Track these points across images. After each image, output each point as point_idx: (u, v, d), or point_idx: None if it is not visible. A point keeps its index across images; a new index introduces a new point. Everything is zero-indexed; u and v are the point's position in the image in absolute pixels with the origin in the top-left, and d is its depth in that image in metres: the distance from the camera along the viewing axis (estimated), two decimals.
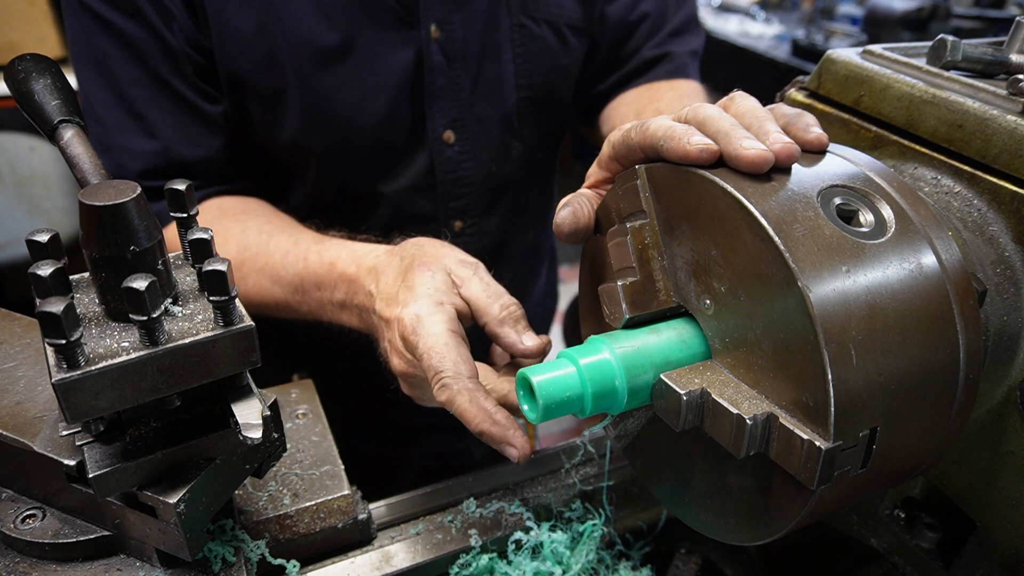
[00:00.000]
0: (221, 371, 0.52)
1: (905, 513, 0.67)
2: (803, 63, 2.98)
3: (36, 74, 0.61)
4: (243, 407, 0.53)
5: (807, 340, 0.43)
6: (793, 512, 0.48)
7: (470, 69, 1.07)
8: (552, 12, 1.10)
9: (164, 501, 0.53)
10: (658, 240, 0.54)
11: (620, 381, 0.51)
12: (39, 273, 0.47)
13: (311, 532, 0.70)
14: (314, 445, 0.76)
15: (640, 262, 0.55)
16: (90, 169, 0.55)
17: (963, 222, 0.60)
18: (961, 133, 0.60)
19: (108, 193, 0.48)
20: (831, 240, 0.46)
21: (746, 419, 0.45)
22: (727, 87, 0.62)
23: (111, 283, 0.49)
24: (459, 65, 1.06)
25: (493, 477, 0.81)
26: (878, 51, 0.70)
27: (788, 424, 0.45)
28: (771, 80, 2.75)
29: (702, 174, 0.49)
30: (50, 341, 0.45)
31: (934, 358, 0.47)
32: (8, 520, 0.58)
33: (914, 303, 0.47)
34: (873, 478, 0.48)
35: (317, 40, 0.97)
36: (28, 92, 0.60)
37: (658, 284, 0.55)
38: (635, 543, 0.80)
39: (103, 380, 0.47)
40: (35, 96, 0.60)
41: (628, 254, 0.55)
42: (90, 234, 0.48)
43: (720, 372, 0.51)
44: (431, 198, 1.11)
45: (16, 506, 0.59)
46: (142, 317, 0.47)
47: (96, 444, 0.53)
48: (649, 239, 0.55)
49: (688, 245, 0.52)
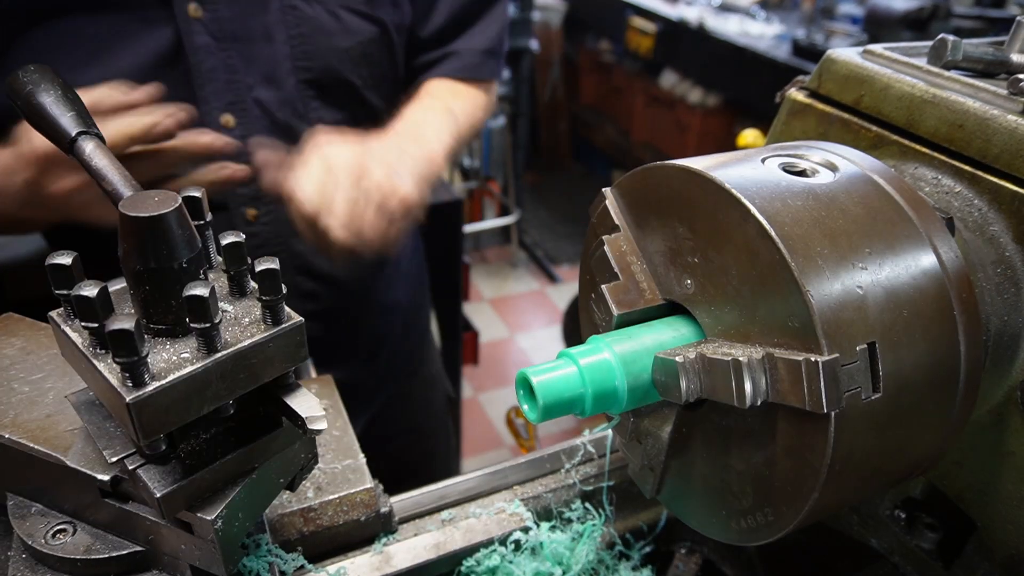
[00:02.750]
0: (275, 370, 0.52)
1: (905, 513, 0.67)
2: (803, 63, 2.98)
3: (44, 86, 0.61)
4: (300, 402, 0.53)
5: (775, 261, 0.45)
6: (807, 488, 0.48)
7: (244, 50, 1.06)
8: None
9: (201, 517, 0.52)
10: (633, 245, 0.58)
11: (620, 381, 0.51)
12: (85, 295, 0.46)
13: (334, 525, 0.70)
14: (335, 439, 0.77)
15: (621, 267, 0.57)
16: (120, 180, 0.54)
17: (963, 222, 0.60)
18: (962, 133, 0.61)
19: (150, 204, 0.47)
20: (778, 182, 0.50)
21: (742, 360, 0.45)
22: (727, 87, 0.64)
23: (156, 296, 0.48)
24: (231, 46, 1.04)
25: (493, 477, 0.81)
26: (879, 51, 0.70)
27: (784, 355, 0.45)
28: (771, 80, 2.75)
29: (657, 165, 0.54)
30: (120, 359, 0.44)
31: (923, 287, 0.49)
32: (38, 535, 0.57)
33: (875, 225, 0.50)
34: (893, 422, 0.48)
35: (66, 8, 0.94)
36: (38, 106, 0.59)
37: (642, 285, 0.57)
38: (635, 543, 0.80)
39: (173, 394, 0.47)
40: (47, 110, 0.59)
41: (609, 263, 0.58)
42: (133, 247, 0.47)
43: (713, 341, 0.52)
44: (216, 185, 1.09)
45: (46, 521, 0.58)
46: (204, 324, 0.47)
47: (151, 465, 0.52)
48: (625, 246, 0.58)
49: (658, 236, 0.55)
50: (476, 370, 3.72)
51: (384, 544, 0.73)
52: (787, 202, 0.48)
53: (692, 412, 0.56)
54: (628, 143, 4.92)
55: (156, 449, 0.50)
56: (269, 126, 1.10)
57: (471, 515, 0.76)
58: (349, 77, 1.14)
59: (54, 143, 0.59)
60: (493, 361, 3.90)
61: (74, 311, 0.50)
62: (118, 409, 0.47)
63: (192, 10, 1.01)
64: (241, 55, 1.05)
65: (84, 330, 0.48)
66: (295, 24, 1.08)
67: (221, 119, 1.06)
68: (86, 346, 0.49)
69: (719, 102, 3.88)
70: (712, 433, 0.54)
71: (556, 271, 4.67)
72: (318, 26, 1.09)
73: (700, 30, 3.63)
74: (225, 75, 1.05)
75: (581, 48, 5.20)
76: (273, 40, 1.07)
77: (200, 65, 1.03)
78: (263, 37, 1.06)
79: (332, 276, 1.24)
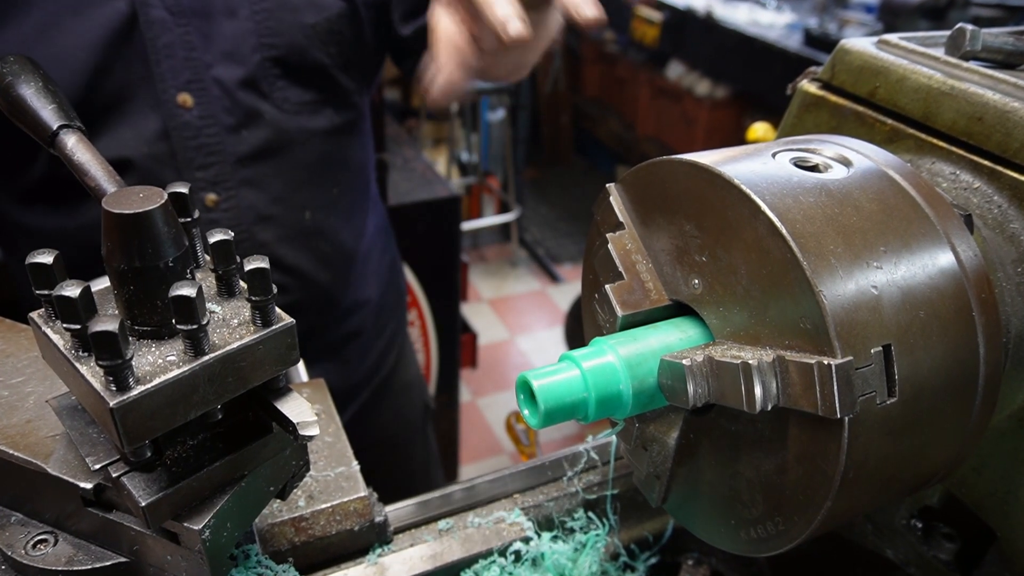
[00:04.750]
0: (265, 373, 0.52)
1: (922, 523, 0.67)
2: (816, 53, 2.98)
3: (24, 77, 0.60)
4: (290, 407, 0.53)
5: (786, 260, 0.45)
6: (820, 497, 0.47)
7: (203, 26, 1.05)
8: None
9: (188, 527, 0.52)
10: (639, 244, 0.58)
11: (625, 385, 0.51)
12: (67, 295, 0.46)
13: (327, 535, 0.70)
14: (328, 446, 0.77)
15: (626, 267, 0.57)
16: (103, 176, 0.54)
17: (983, 219, 0.60)
18: (981, 126, 0.61)
19: (134, 200, 0.47)
20: (790, 177, 0.50)
21: (752, 363, 0.45)
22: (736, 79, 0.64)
23: (140, 296, 0.48)
24: (189, 21, 1.03)
25: (492, 485, 0.81)
26: (894, 41, 0.70)
27: (795, 358, 0.45)
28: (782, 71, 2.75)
29: (663, 160, 0.54)
30: (103, 363, 0.44)
31: (941, 287, 0.49)
32: (19, 545, 0.57)
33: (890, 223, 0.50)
34: (909, 427, 0.48)
35: None
36: (18, 99, 0.59)
37: (647, 285, 0.57)
38: (640, 554, 0.80)
39: (158, 398, 0.46)
40: (27, 102, 0.59)
41: (613, 261, 0.58)
42: (118, 245, 0.47)
43: (722, 343, 0.52)
44: (173, 167, 1.08)
45: (26, 531, 0.58)
46: (192, 326, 0.46)
47: (135, 473, 0.52)
48: (630, 244, 0.58)
49: (665, 234, 0.55)
50: (475, 373, 3.72)
51: (379, 555, 0.73)
52: (799, 198, 0.48)
53: (700, 417, 0.56)
54: (633, 137, 4.92)
55: (141, 456, 0.50)
56: (230, 106, 1.09)
57: (469, 525, 0.76)
58: (317, 55, 1.13)
59: (35, 136, 0.59)
60: (492, 364, 3.90)
61: (55, 312, 0.50)
62: (101, 414, 0.46)
63: None
64: (200, 31, 1.05)
65: (66, 332, 0.48)
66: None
67: (178, 98, 1.05)
68: (68, 348, 0.49)
69: (728, 94, 3.88)
70: (720, 439, 0.54)
71: (558, 270, 4.68)
72: (283, 1, 1.08)
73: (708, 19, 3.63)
74: (183, 52, 1.04)
75: (584, 38, 5.20)
76: (236, 15, 1.06)
77: (156, 41, 1.02)
78: (225, 12, 1.05)
79: (299, 268, 1.23)
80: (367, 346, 1.45)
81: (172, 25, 1.02)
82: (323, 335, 1.35)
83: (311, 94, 1.16)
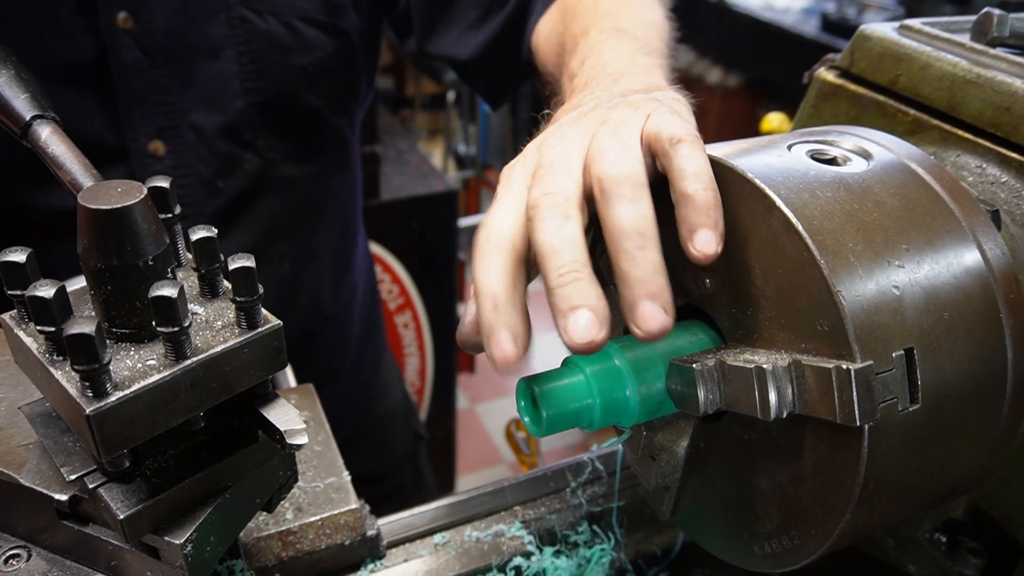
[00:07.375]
0: (251, 379, 0.52)
1: (947, 537, 0.67)
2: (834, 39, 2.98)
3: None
4: (278, 414, 0.53)
5: (802, 258, 0.45)
6: (838, 509, 0.47)
7: (180, 69, 1.01)
8: (278, 2, 1.03)
9: (169, 541, 0.52)
10: None
11: (631, 390, 0.51)
12: (41, 295, 0.45)
13: (316, 549, 0.70)
14: (317, 455, 0.77)
15: None
16: (79, 169, 0.54)
17: (1011, 215, 0.60)
18: (1009, 117, 0.61)
19: (112, 195, 0.47)
20: (806, 171, 0.50)
21: (766, 368, 0.45)
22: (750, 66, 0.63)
23: (118, 296, 0.48)
24: (164, 63, 0.99)
25: (491, 497, 0.81)
26: (917, 26, 0.70)
27: (813, 362, 0.45)
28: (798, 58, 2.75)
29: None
30: (79, 367, 0.44)
31: (966, 287, 0.49)
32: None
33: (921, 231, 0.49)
34: (933, 436, 0.48)
35: None
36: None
37: None
38: (648, 570, 0.80)
39: (137, 405, 0.46)
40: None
41: None
42: (95, 243, 0.47)
43: (734, 347, 0.52)
44: None
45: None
46: (173, 328, 0.46)
47: (113, 484, 0.51)
48: None
49: (674, 230, 0.54)
50: (473, 378, 3.72)
51: (371, 571, 0.73)
52: (816, 193, 0.48)
53: (711, 425, 0.56)
54: None
55: (119, 466, 0.50)
56: (206, 155, 1.05)
57: (467, 539, 0.76)
58: (308, 98, 1.09)
59: (6, 128, 0.59)
60: (491, 368, 3.88)
61: (28, 314, 0.50)
62: (77, 422, 0.46)
63: (121, 20, 0.96)
64: (177, 74, 1.01)
65: (39, 335, 0.48)
66: (245, 39, 1.02)
67: (149, 147, 1.01)
68: (42, 352, 0.49)
69: (740, 83, 3.88)
70: (733, 448, 0.54)
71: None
72: (272, 42, 1.03)
73: (720, 3, 3.63)
74: (157, 95, 1.00)
75: None
76: (219, 57, 1.02)
77: (127, 84, 0.98)
78: (206, 53, 1.01)
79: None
80: (345, 386, 1.42)
81: (147, 67, 0.98)
82: (303, 368, 1.33)
83: (298, 142, 1.12)
